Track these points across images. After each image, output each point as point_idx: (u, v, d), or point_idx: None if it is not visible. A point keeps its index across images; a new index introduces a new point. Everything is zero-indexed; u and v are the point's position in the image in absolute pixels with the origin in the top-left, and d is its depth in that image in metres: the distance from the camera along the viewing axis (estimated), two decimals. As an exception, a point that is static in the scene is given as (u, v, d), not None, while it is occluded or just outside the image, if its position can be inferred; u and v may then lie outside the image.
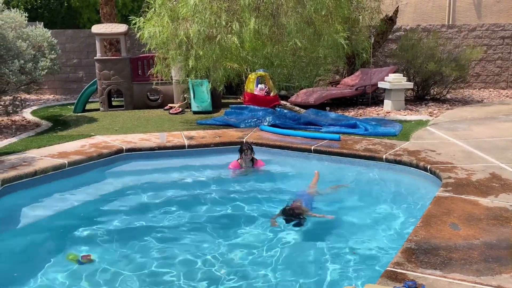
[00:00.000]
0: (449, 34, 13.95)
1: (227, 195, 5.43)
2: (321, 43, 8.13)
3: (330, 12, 8.11)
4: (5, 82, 8.02)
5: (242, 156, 6.10)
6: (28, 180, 5.26)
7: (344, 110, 10.09)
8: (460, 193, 4.46)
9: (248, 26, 7.55)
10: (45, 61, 8.53)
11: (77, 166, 5.84)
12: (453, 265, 3.03)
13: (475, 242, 3.39)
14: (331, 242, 4.15)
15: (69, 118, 9.67)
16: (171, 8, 7.99)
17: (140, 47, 11.74)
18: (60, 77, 13.82)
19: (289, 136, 7.24)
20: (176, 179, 6.06)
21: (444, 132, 7.40)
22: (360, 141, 6.83)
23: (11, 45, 7.86)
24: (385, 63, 13.59)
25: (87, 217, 4.80)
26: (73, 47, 14.08)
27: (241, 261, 3.84)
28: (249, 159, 6.12)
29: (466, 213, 3.95)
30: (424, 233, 3.54)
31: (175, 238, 4.30)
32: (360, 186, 5.72)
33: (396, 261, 3.09)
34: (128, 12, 15.95)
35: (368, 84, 10.87)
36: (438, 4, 15.87)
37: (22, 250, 4.12)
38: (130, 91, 10.94)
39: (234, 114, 8.90)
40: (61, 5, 15.69)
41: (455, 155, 5.86)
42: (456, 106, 10.49)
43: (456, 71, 10.70)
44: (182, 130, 7.93)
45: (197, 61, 7.99)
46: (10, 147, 6.61)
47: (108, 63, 10.74)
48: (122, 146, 6.59)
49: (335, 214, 4.79)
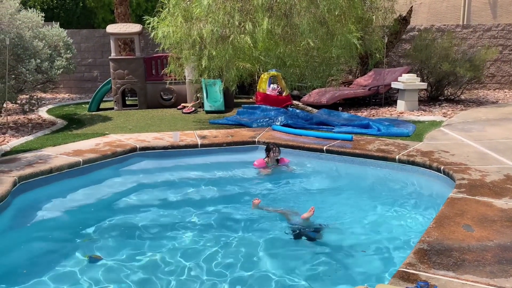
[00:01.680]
0: (464, 34, 13.81)
1: (239, 193, 5.46)
2: (334, 43, 8.12)
3: (344, 12, 8.09)
4: (22, 81, 8.16)
5: (269, 155, 6.25)
6: (44, 177, 5.34)
7: (356, 110, 10.06)
8: (474, 194, 4.43)
9: (261, 26, 7.57)
10: (60, 61, 8.66)
11: (92, 164, 5.92)
12: (466, 266, 3.02)
13: (488, 243, 3.37)
14: (343, 242, 4.15)
15: (84, 116, 9.80)
16: (185, 8, 8.05)
17: (154, 46, 11.83)
18: (75, 76, 13.99)
19: (301, 136, 7.24)
20: (188, 178, 6.11)
21: (458, 133, 7.34)
22: (372, 141, 6.81)
23: (28, 44, 8.00)
24: (399, 63, 13.50)
25: (100, 214, 4.86)
26: (88, 47, 14.24)
27: (253, 259, 3.86)
28: (277, 157, 6.27)
29: (479, 214, 3.92)
30: (437, 234, 3.53)
31: (188, 236, 4.33)
32: (372, 187, 5.70)
33: (408, 261, 3.08)
34: (142, 12, 16.10)
35: (381, 84, 10.81)
36: (453, 4, 15.71)
37: (37, 246, 4.19)
38: (144, 91, 11.04)
39: (247, 114, 8.93)
40: (76, 5, 15.89)
41: (469, 156, 5.81)
42: (470, 107, 10.39)
43: (471, 72, 10.59)
44: (195, 129, 7.99)
45: (210, 61, 8.04)
46: (26, 145, 6.72)
47: (122, 62, 10.85)
48: (136, 144, 6.66)
49: (346, 214, 4.79)
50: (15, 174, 5.11)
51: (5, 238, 4.25)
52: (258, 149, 6.91)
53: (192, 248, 4.09)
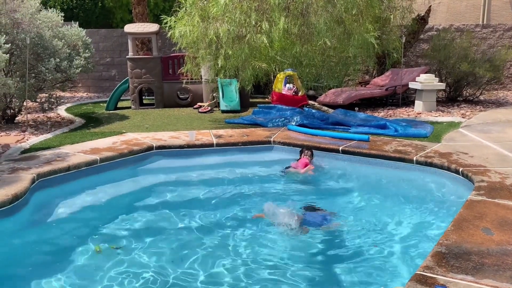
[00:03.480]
0: (483, 34, 13.58)
1: (254, 193, 5.45)
2: (351, 43, 8.06)
3: (361, 11, 8.02)
4: (42, 79, 8.29)
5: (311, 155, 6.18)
6: (62, 175, 5.41)
7: (373, 110, 9.97)
8: (493, 197, 4.35)
9: (277, 25, 7.55)
10: (79, 60, 8.78)
11: (109, 163, 5.97)
12: (486, 270, 2.96)
13: (509, 247, 3.30)
14: (360, 244, 4.11)
15: (102, 115, 9.91)
16: (202, 8, 8.07)
17: (171, 46, 11.91)
18: (93, 75, 14.18)
19: (317, 136, 7.20)
20: (204, 177, 6.12)
21: (477, 134, 7.22)
22: (389, 142, 6.74)
23: (47, 43, 8.13)
24: (417, 63, 13.34)
25: (117, 212, 4.90)
26: (106, 46, 14.41)
27: (267, 257, 3.85)
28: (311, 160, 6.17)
29: (499, 217, 3.85)
30: (455, 237, 3.47)
31: (204, 235, 4.34)
32: (390, 188, 5.65)
33: (426, 264, 3.04)
34: (159, 11, 16.22)
35: (398, 85, 10.70)
36: (472, 3, 15.47)
37: (55, 242, 4.25)
38: (160, 90, 11.12)
39: (262, 114, 8.92)
40: (95, 5, 16.10)
41: (488, 158, 5.71)
42: (489, 108, 10.21)
43: (490, 72, 10.40)
44: (211, 128, 8.01)
45: (226, 60, 8.06)
46: (45, 143, 6.82)
47: (140, 62, 10.95)
48: (153, 143, 6.70)
49: (364, 215, 4.75)
50: (34, 172, 5.19)
51: (24, 235, 4.32)
52: (274, 149, 6.90)
53: (207, 245, 4.10)
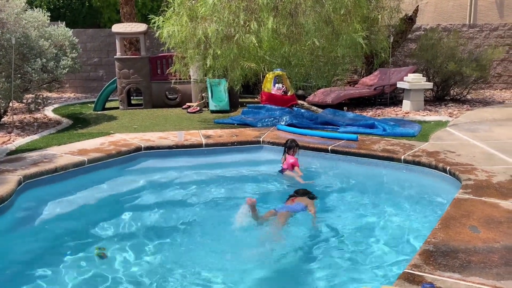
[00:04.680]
0: (470, 34, 13.72)
1: (243, 192, 5.44)
2: (339, 43, 8.09)
3: (349, 11, 8.05)
4: (28, 80, 8.19)
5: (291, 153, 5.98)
6: (49, 176, 5.35)
7: (362, 110, 10.02)
8: (480, 195, 4.39)
9: (266, 25, 7.55)
10: (66, 60, 8.69)
11: (97, 164, 5.92)
12: (473, 268, 2.99)
13: (495, 245, 3.33)
14: (348, 243, 4.13)
15: (89, 116, 9.82)
16: (190, 7, 8.05)
17: (159, 46, 11.85)
18: (81, 76, 14.05)
19: (306, 135, 7.21)
20: (193, 177, 6.10)
21: (464, 133, 7.29)
22: (378, 141, 6.77)
23: (33, 44, 8.03)
24: (404, 63, 13.44)
25: (105, 213, 4.87)
26: (94, 46, 14.29)
27: (256, 257, 3.84)
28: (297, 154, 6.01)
29: (486, 215, 3.88)
30: (443, 235, 3.49)
31: (192, 235, 4.33)
32: (377, 187, 5.67)
33: (413, 263, 3.05)
34: (147, 11, 16.13)
35: (386, 84, 10.77)
36: (459, 3, 15.62)
37: (41, 245, 4.20)
38: (149, 90, 11.06)
39: (251, 114, 8.91)
40: (82, 5, 15.95)
41: (475, 157, 5.77)
42: (476, 107, 10.32)
43: (477, 72, 10.52)
44: (200, 129, 7.98)
45: (215, 60, 8.04)
46: (32, 144, 6.74)
47: (128, 62, 10.88)
48: (141, 144, 6.66)
49: (351, 214, 4.77)
50: (20, 173, 5.12)
51: (10, 237, 4.26)
52: (263, 149, 6.89)
53: (196, 247, 4.09)
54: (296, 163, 5.92)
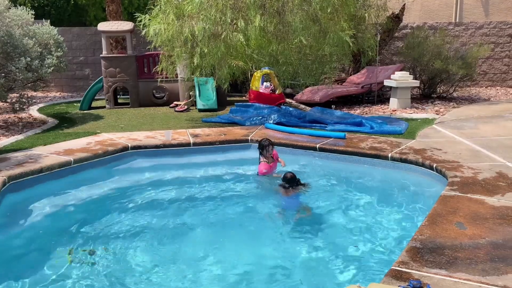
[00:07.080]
0: (456, 32, 13.85)
1: (231, 191, 5.43)
2: (327, 41, 8.10)
3: (336, 9, 8.06)
4: (12, 79, 8.06)
5: (264, 153, 5.70)
6: (34, 177, 5.28)
7: (349, 108, 10.06)
8: (466, 192, 4.43)
9: (253, 23, 7.53)
10: (51, 59, 8.57)
11: (83, 164, 5.86)
12: (459, 264, 3.01)
13: (481, 241, 3.36)
14: (335, 241, 4.13)
15: (75, 115, 9.71)
16: (177, 6, 7.99)
17: (145, 44, 11.73)
18: (67, 75, 13.86)
19: (294, 134, 7.22)
20: (181, 177, 6.06)
21: (451, 130, 7.36)
22: (365, 139, 6.80)
23: (17, 42, 7.89)
24: (391, 61, 13.52)
25: (92, 214, 4.82)
26: (80, 45, 14.12)
27: (244, 255, 3.83)
28: (271, 154, 5.74)
29: (472, 212, 3.92)
30: (430, 232, 3.52)
31: (179, 235, 4.30)
32: (365, 185, 5.69)
33: (401, 260, 3.07)
34: (134, 9, 16.00)
35: (374, 82, 10.82)
36: (445, 1, 15.76)
37: (26, 246, 4.13)
38: (136, 89, 10.97)
39: (239, 112, 8.90)
40: (67, 3, 15.76)
41: (462, 154, 5.82)
42: (462, 104, 10.42)
43: (463, 69, 10.62)
44: (188, 127, 7.94)
45: (202, 58, 7.99)
46: (16, 144, 6.64)
47: (114, 60, 10.77)
48: (128, 143, 6.60)
49: (339, 211, 4.78)
50: (5, 174, 5.04)
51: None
52: (251, 147, 6.88)
53: (184, 246, 4.06)
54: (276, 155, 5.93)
